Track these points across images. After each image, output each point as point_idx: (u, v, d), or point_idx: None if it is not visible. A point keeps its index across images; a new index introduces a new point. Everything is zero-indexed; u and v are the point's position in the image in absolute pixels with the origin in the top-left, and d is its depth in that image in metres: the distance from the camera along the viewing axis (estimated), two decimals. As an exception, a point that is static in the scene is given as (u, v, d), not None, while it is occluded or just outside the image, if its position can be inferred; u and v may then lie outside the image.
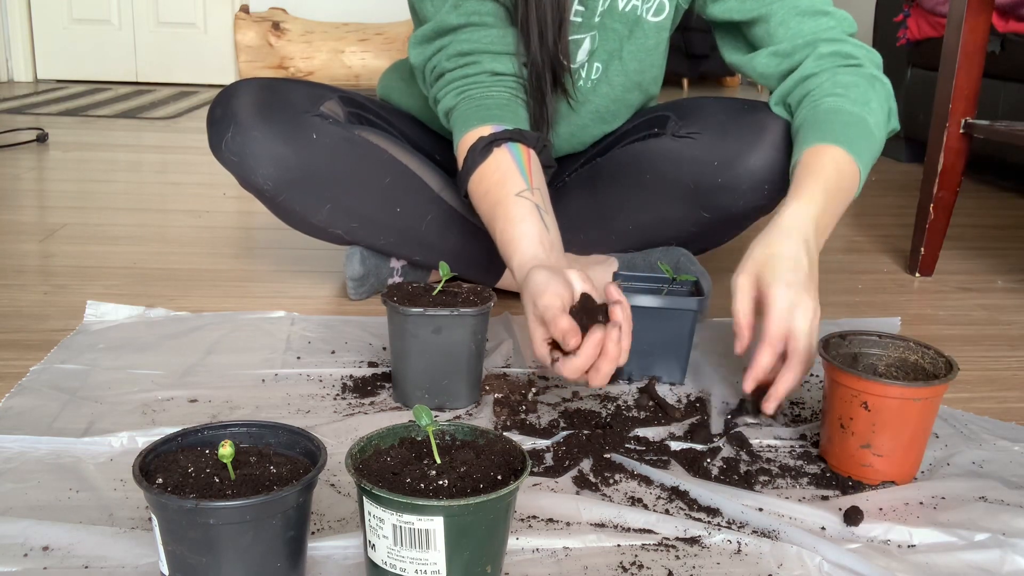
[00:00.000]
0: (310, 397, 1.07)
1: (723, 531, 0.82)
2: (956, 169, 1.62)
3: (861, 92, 1.15)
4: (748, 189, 1.24)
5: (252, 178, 1.26)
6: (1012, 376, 1.23)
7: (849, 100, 1.14)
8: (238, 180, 1.29)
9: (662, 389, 1.12)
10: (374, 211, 1.32)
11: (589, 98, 1.34)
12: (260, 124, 1.25)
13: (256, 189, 1.28)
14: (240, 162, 1.26)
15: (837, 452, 0.93)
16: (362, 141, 1.31)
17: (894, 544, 0.81)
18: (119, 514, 0.82)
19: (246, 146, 1.25)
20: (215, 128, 1.27)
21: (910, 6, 2.74)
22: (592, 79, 1.32)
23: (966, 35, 1.55)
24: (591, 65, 1.31)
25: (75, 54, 4.16)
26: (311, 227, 1.34)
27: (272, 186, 1.27)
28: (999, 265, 1.77)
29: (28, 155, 2.52)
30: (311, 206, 1.30)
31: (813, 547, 0.79)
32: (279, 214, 1.33)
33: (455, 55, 1.19)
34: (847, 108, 1.13)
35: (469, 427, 0.75)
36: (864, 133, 1.12)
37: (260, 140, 1.24)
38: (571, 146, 1.42)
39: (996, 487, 0.91)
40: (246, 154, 1.25)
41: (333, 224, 1.32)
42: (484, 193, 1.12)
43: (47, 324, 1.27)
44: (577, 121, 1.37)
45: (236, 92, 1.28)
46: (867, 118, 1.13)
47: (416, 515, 0.64)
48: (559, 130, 1.36)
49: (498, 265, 1.38)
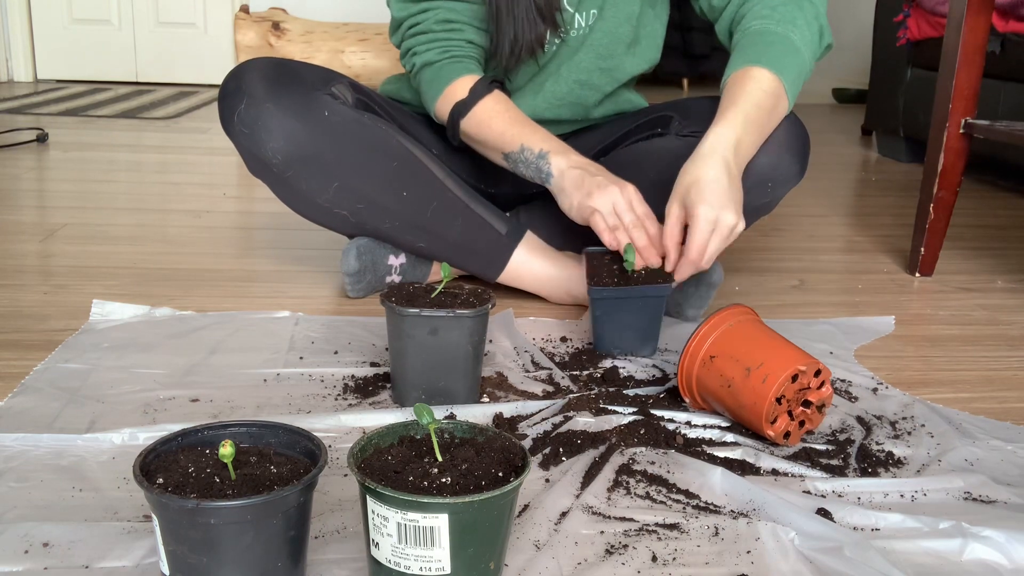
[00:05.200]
0: (311, 397, 1.07)
1: (701, 513, 0.84)
2: (956, 169, 1.62)
3: (787, 11, 1.24)
4: (751, 187, 1.25)
5: (262, 152, 1.26)
6: (1012, 376, 1.23)
7: (774, 21, 1.23)
8: (246, 156, 1.29)
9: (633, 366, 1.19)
10: (380, 194, 1.32)
11: (588, 37, 1.39)
12: (273, 97, 1.25)
13: (265, 164, 1.28)
14: (251, 134, 1.26)
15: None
16: (372, 124, 1.32)
17: (860, 528, 0.83)
18: (120, 513, 0.82)
19: (258, 119, 1.25)
20: (227, 101, 1.27)
21: (910, 6, 2.74)
22: (589, 24, 1.39)
23: (966, 35, 1.55)
24: (587, 12, 1.38)
25: (75, 54, 4.16)
26: (316, 208, 1.33)
27: (282, 160, 1.26)
28: (999, 265, 1.77)
29: (28, 155, 2.52)
30: (318, 184, 1.30)
31: (788, 523, 0.82)
32: (285, 193, 1.32)
33: (442, 20, 1.32)
34: (771, 29, 1.23)
35: (468, 425, 0.75)
36: (787, 50, 1.22)
37: (273, 113, 1.25)
38: (572, 96, 1.44)
39: (984, 483, 0.91)
40: (258, 127, 1.25)
41: (339, 204, 1.32)
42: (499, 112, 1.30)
43: (47, 324, 1.27)
44: (583, 64, 1.42)
45: (249, 67, 1.29)
46: (790, 36, 1.22)
47: (421, 513, 0.64)
48: (565, 76, 1.42)
49: (500, 259, 1.38)
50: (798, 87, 1.23)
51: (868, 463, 0.95)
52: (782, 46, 1.21)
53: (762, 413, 0.95)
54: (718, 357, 0.99)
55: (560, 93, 1.44)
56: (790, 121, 1.27)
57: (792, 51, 1.22)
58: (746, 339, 0.99)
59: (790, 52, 1.21)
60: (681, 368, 1.03)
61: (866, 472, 0.94)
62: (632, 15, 1.40)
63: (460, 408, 1.03)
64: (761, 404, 0.95)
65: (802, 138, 1.30)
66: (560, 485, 0.88)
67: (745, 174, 1.23)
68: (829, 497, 0.88)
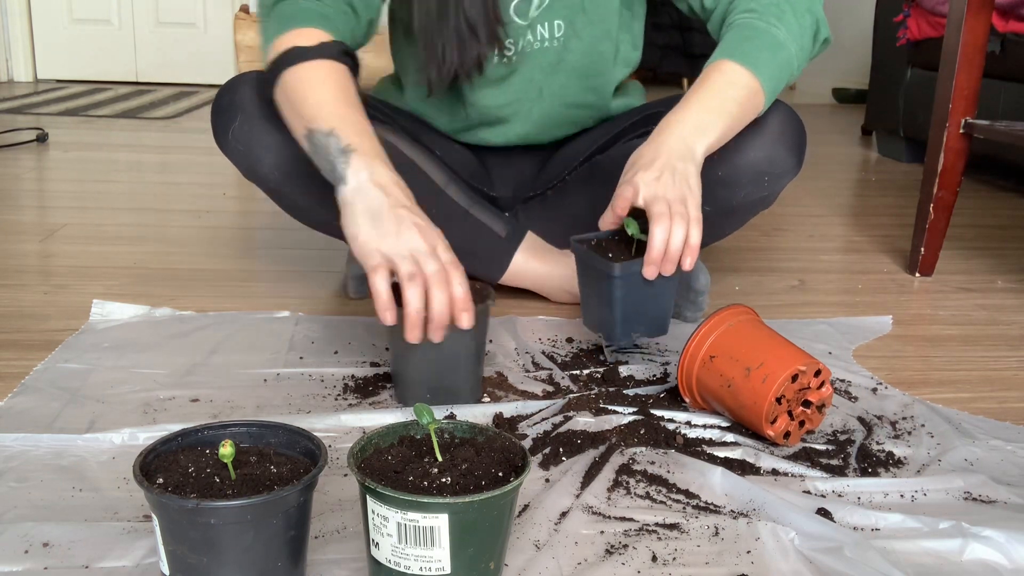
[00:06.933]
0: (311, 397, 1.07)
1: (701, 513, 0.84)
2: (956, 169, 1.62)
3: (775, 6, 1.19)
4: (748, 182, 1.24)
5: (258, 168, 1.25)
6: (1012, 376, 1.23)
7: (758, 15, 1.19)
8: (243, 171, 1.27)
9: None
10: None
11: (564, 56, 1.36)
12: (268, 113, 1.22)
13: (262, 180, 1.27)
14: (247, 151, 1.24)
15: None
16: None
17: (860, 528, 0.83)
18: (120, 513, 0.82)
19: (253, 135, 1.23)
20: (221, 117, 1.25)
21: (910, 6, 2.74)
22: (557, 37, 1.34)
23: (966, 35, 1.55)
24: (551, 23, 1.32)
25: (75, 54, 4.16)
26: (316, 220, 1.33)
27: (279, 176, 1.25)
28: (999, 265, 1.77)
29: (28, 155, 2.52)
30: (317, 198, 1.29)
31: (788, 523, 0.82)
32: (284, 206, 1.32)
33: None
34: (753, 23, 1.18)
35: (468, 425, 0.75)
36: (766, 45, 1.17)
37: (268, 129, 1.23)
38: (566, 117, 1.42)
39: (984, 483, 0.91)
40: (253, 144, 1.24)
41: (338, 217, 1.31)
42: (331, 83, 1.11)
43: (48, 324, 1.27)
44: (569, 89, 1.38)
45: (243, 80, 1.27)
46: (772, 31, 1.17)
47: (421, 513, 0.64)
48: (548, 96, 1.38)
49: (501, 261, 1.38)
50: (779, 82, 1.18)
51: (868, 463, 0.95)
52: (761, 40, 1.17)
53: (762, 413, 0.95)
54: (718, 357, 0.99)
55: (554, 115, 1.42)
56: (785, 114, 1.25)
57: (773, 46, 1.17)
58: (746, 339, 0.99)
59: (769, 47, 1.17)
60: (681, 368, 1.03)
61: (866, 472, 0.94)
62: (611, 29, 1.36)
63: (460, 408, 1.03)
64: (761, 404, 0.95)
65: (797, 131, 1.27)
66: (560, 485, 0.88)
67: (741, 169, 1.23)
68: (829, 497, 0.88)
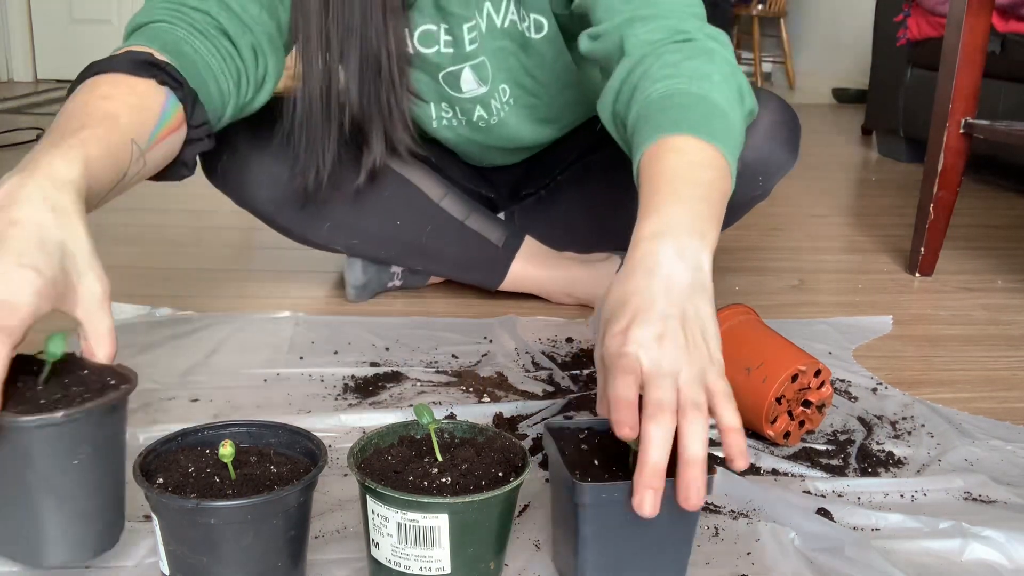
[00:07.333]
0: (311, 397, 1.07)
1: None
2: (956, 169, 1.62)
3: (696, 66, 0.91)
4: (742, 184, 1.23)
5: (251, 202, 1.26)
6: (1012, 376, 1.23)
7: (683, 79, 0.90)
8: (236, 202, 1.28)
9: None
10: (373, 226, 1.31)
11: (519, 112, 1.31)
12: (256, 146, 1.22)
13: (255, 211, 1.28)
14: (238, 187, 1.25)
15: None
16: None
17: (860, 528, 0.83)
18: (120, 513, 0.82)
19: (243, 170, 1.23)
20: (208, 154, 1.14)
21: (910, 6, 2.75)
22: (507, 102, 1.29)
23: (966, 35, 1.55)
24: (496, 87, 1.27)
25: (75, 54, 4.16)
26: (311, 243, 1.34)
27: (272, 208, 1.26)
28: (999, 265, 1.77)
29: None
30: (310, 225, 1.29)
31: (788, 523, 0.81)
32: (278, 231, 1.33)
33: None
34: (682, 88, 0.89)
35: (468, 424, 0.76)
36: (712, 113, 0.87)
37: (258, 162, 1.23)
38: (540, 143, 1.40)
39: (984, 482, 0.91)
40: (243, 178, 1.24)
41: (333, 241, 1.32)
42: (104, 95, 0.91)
43: (47, 324, 1.27)
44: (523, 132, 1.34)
45: None
46: (710, 95, 0.88)
47: (421, 512, 0.64)
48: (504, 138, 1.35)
49: (499, 270, 1.38)
50: (736, 156, 0.87)
51: (868, 463, 0.95)
52: (703, 107, 0.87)
53: (762, 413, 0.95)
54: None
55: (510, 150, 1.40)
56: (774, 104, 1.22)
57: (718, 113, 0.87)
58: (746, 339, 0.99)
59: (715, 115, 0.87)
60: None
61: (866, 472, 0.94)
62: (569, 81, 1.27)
63: (460, 408, 1.03)
64: (761, 404, 0.95)
65: (790, 123, 1.23)
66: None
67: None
68: (829, 497, 0.88)
